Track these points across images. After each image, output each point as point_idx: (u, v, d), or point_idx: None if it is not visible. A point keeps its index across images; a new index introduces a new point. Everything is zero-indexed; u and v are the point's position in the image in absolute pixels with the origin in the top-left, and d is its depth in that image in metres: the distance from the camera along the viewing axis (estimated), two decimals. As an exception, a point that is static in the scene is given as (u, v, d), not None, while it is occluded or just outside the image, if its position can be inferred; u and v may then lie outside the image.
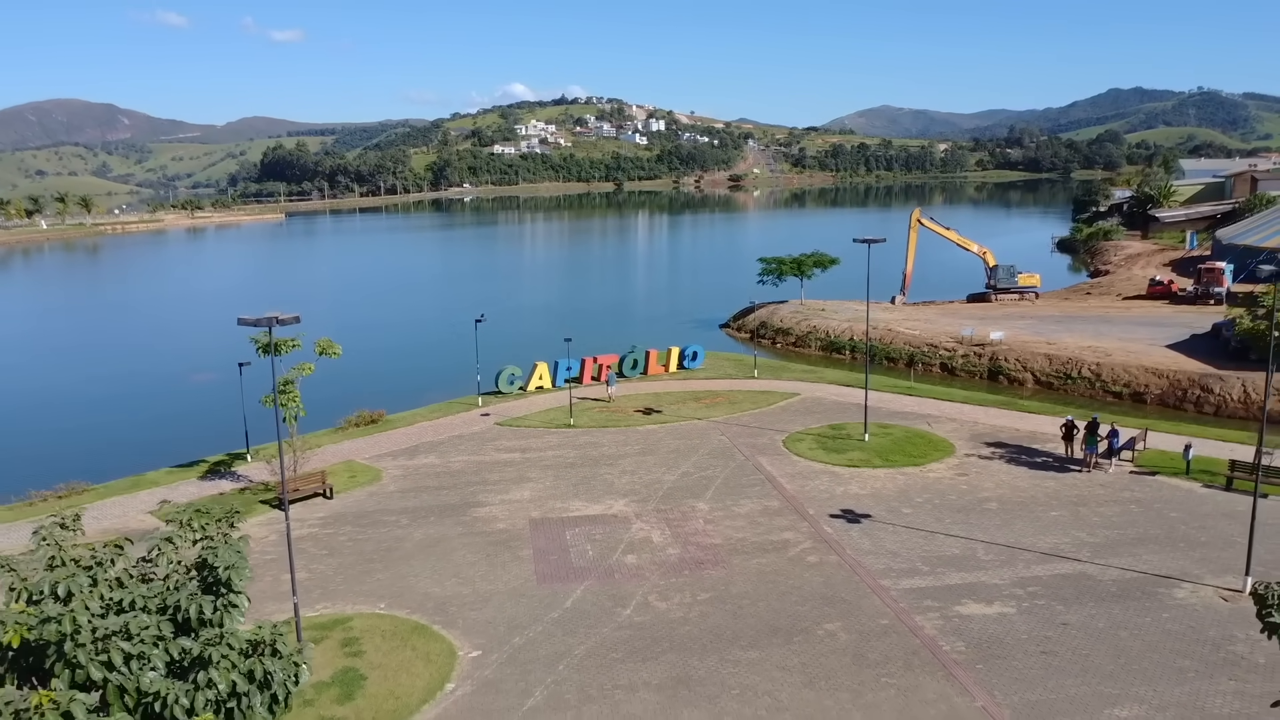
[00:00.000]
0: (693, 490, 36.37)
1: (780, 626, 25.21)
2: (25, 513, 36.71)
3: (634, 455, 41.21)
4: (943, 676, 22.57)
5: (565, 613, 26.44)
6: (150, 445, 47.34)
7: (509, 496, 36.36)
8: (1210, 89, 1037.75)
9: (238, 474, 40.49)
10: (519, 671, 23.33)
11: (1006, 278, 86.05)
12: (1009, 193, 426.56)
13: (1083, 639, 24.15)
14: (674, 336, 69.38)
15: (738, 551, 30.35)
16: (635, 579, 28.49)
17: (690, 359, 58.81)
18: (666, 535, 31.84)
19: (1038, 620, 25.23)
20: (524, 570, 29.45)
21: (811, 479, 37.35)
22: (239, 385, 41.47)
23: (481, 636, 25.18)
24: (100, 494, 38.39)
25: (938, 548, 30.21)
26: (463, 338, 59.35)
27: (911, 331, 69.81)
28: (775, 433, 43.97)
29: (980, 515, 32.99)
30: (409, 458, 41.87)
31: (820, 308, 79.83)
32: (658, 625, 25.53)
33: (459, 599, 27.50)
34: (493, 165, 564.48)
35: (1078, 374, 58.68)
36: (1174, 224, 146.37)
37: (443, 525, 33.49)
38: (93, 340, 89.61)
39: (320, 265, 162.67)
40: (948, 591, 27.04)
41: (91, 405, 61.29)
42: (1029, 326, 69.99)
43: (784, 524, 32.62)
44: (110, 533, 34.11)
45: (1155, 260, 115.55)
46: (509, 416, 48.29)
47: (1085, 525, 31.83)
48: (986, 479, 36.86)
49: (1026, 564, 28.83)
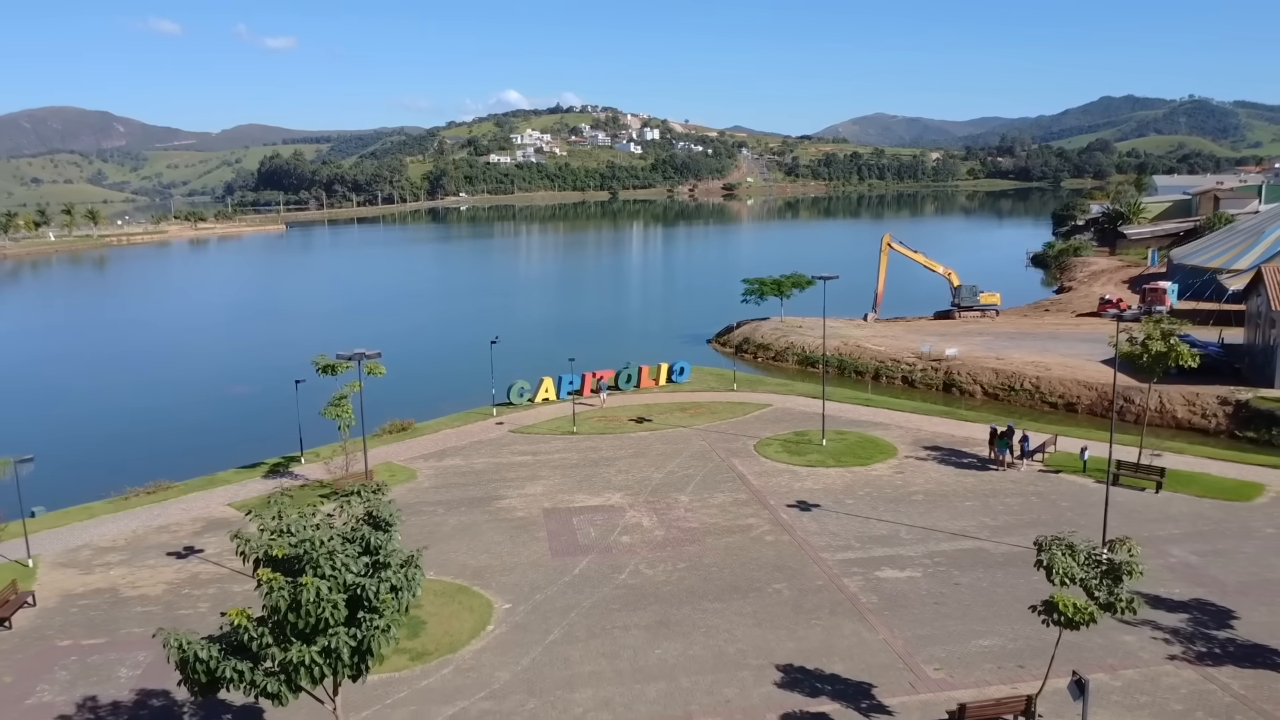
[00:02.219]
0: (676, 485, 44.06)
1: (739, 586, 32.93)
2: (123, 505, 44.22)
3: (628, 457, 48.85)
4: (858, 619, 30.27)
5: (574, 578, 34.10)
6: (211, 449, 54.76)
7: (524, 491, 44.02)
8: (1201, 97, 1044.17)
9: (295, 473, 48.07)
10: (541, 617, 30.99)
11: (969, 296, 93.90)
12: (1000, 201, 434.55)
13: (968, 595, 31.85)
14: (665, 352, 77.15)
15: (710, 533, 38.06)
16: (628, 553, 36.16)
17: (678, 373, 66.43)
18: (654, 520, 39.54)
19: (937, 581, 32.94)
20: (540, 547, 37.12)
21: (775, 476, 45.07)
22: (274, 395, 49.27)
23: (511, 594, 32.84)
24: (182, 490, 45.93)
25: (869, 530, 37.94)
26: (479, 355, 66.83)
27: (878, 348, 77.62)
28: (748, 438, 51.68)
29: (908, 505, 40.73)
30: (438, 460, 49.50)
31: (798, 325, 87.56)
32: (646, 586, 33.21)
33: (491, 568, 35.16)
34: (489, 174, 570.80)
35: (1020, 387, 66.51)
36: (1140, 241, 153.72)
37: (472, 514, 41.13)
38: (138, 353, 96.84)
39: (326, 280, 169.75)
40: (871, 561, 34.76)
41: (151, 414, 68.74)
42: (984, 343, 77.76)
43: (749, 512, 40.35)
44: (201, 520, 41.79)
45: (1118, 277, 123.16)
46: (520, 425, 55.94)
47: (991, 512, 39.57)
48: (919, 476, 44.61)
49: (937, 541, 36.55)
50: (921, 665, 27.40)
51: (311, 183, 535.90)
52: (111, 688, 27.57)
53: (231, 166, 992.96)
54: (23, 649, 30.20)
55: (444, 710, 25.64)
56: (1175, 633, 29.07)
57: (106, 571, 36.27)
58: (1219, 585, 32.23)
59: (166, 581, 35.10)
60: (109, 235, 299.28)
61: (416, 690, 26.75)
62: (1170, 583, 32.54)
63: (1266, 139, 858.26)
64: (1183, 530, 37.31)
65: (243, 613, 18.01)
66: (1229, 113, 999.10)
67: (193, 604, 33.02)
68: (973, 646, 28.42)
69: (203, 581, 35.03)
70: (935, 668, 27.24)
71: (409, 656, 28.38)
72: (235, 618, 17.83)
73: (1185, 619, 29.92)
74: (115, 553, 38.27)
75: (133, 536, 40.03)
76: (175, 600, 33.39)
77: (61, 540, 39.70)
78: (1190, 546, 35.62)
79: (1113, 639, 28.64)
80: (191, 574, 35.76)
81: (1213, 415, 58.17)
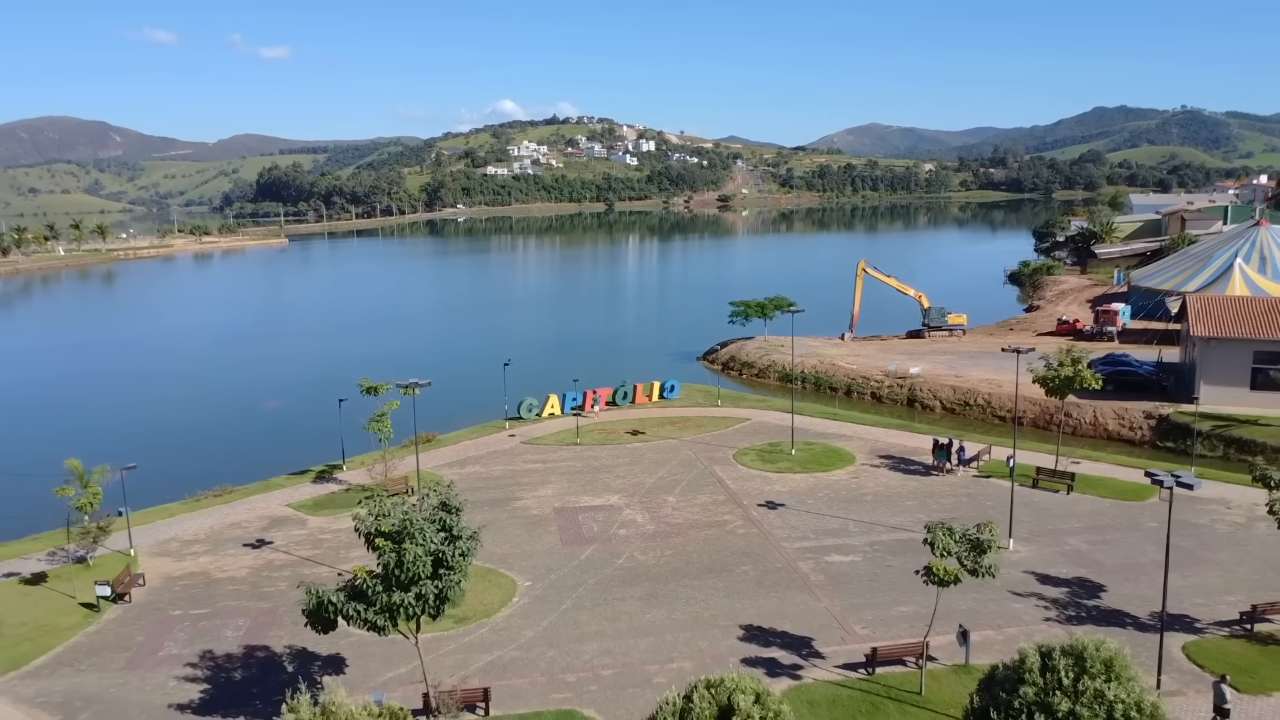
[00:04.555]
0: (665, 488, 52.03)
1: (714, 568, 40.91)
2: (195, 506, 52.09)
3: (624, 465, 56.76)
4: (806, 592, 38.26)
5: (581, 562, 42.03)
6: (261, 458, 62.52)
7: (537, 493, 51.95)
8: (1194, 107, 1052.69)
9: (339, 479, 55.92)
10: (555, 592, 38.93)
11: (937, 317, 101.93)
12: (992, 213, 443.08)
13: (897, 574, 39.78)
14: (658, 369, 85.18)
15: (693, 526, 46.05)
16: (625, 543, 44.12)
17: (669, 391, 74.38)
18: (646, 517, 47.52)
19: (873, 564, 40.93)
20: (552, 539, 45.07)
21: (749, 481, 53.06)
22: (307, 409, 56.97)
23: (530, 575, 40.77)
24: (244, 493, 53.78)
25: (824, 524, 45.94)
26: (487, 371, 74.76)
27: (850, 366, 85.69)
28: (728, 449, 59.67)
29: (858, 504, 48.74)
30: (461, 467, 57.38)
31: (780, 344, 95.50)
32: (639, 568, 41.15)
33: (513, 555, 43.08)
34: (486, 186, 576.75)
35: (974, 402, 74.55)
36: (1110, 260, 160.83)
37: (494, 512, 49.00)
38: (171, 371, 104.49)
39: (333, 299, 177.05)
40: (822, 549, 42.77)
41: (202, 426, 76.44)
42: (947, 361, 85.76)
43: (725, 510, 48.34)
44: (265, 519, 49.65)
45: (1084, 296, 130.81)
46: (530, 437, 63.85)
47: (927, 510, 47.49)
48: (870, 480, 52.65)
49: (878, 534, 44.54)
50: (852, 625, 35.42)
51: (310, 194, 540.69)
52: (221, 644, 35.44)
53: (229, 177, 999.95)
54: (144, 617, 38.07)
55: (484, 657, 33.60)
56: (1055, 602, 37.09)
57: (196, 559, 44.16)
58: (1099, 566, 40.27)
59: (247, 566, 42.99)
60: (116, 249, 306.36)
61: (462, 644, 34.71)
62: (1060, 564, 40.59)
63: (1258, 149, 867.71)
64: (1081, 524, 45.36)
65: (364, 569, 25.92)
66: (1221, 123, 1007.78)
67: (273, 583, 40.92)
68: (894, 612, 36.39)
69: (277, 566, 42.92)
70: (862, 627, 35.26)
71: (454, 621, 36.25)
72: (358, 573, 25.76)
73: (1065, 592, 37.97)
74: (199, 544, 46.14)
75: (211, 531, 47.91)
76: (258, 580, 41.28)
77: (151, 535, 47.51)
78: (1084, 537, 43.68)
79: (1005, 606, 36.66)
80: (266, 560, 43.65)
81: (1138, 428, 66.22)
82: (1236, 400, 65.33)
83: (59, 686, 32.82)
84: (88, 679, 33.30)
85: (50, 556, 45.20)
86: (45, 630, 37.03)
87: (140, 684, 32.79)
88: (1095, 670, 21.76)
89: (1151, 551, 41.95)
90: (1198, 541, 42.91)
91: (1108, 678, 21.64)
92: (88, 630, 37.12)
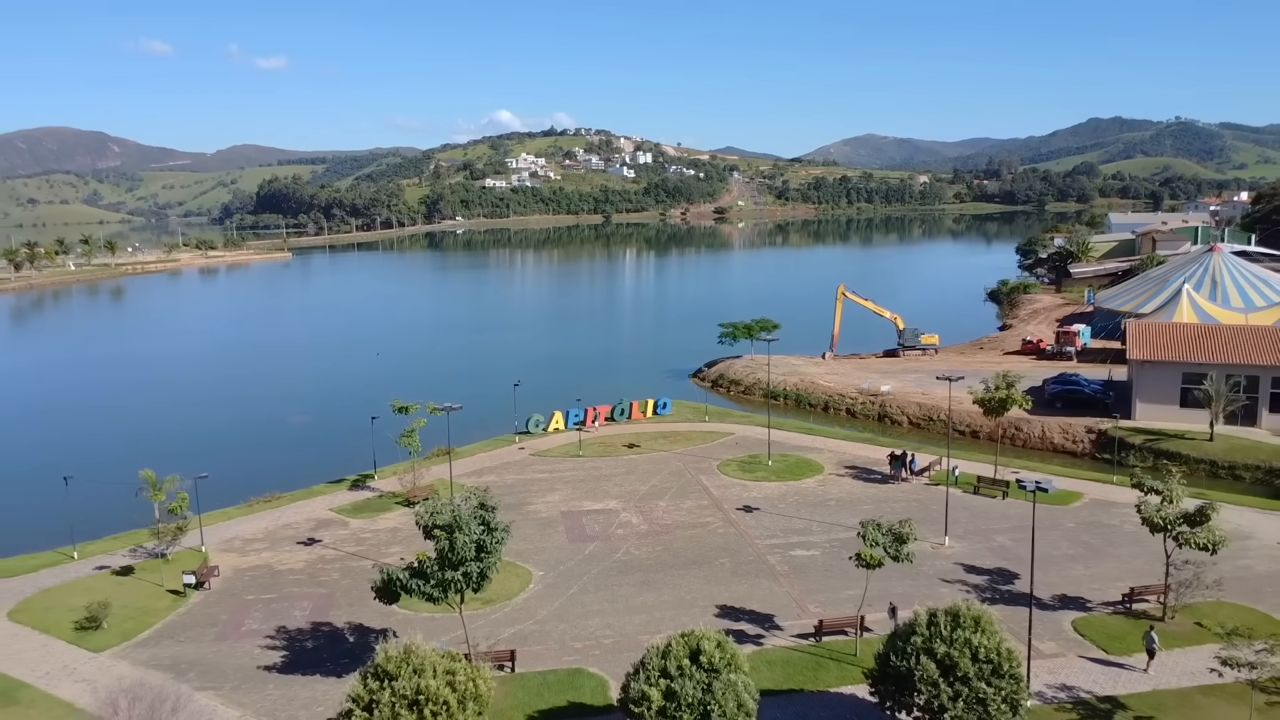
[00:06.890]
0: (657, 494, 60.01)
1: (697, 560, 48.96)
2: (249, 510, 59.96)
3: (621, 474, 64.72)
4: (772, 580, 46.28)
5: (585, 556, 50.03)
6: (299, 468, 70.24)
7: (546, 499, 59.92)
8: (1188, 119, 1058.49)
9: (372, 487, 63.80)
10: (564, 580, 46.95)
11: (912, 338, 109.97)
12: (985, 225, 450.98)
13: (849, 566, 47.47)
14: (653, 387, 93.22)
15: (680, 527, 54.08)
16: (622, 540, 52.14)
17: (661, 408, 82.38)
18: (640, 519, 55.55)
19: (830, 557, 48.95)
20: (560, 537, 53.07)
21: (730, 488, 61.08)
22: (334, 423, 64.90)
23: (543, 566, 48.78)
24: (291, 499, 61.67)
25: (791, 525, 53.97)
26: (495, 388, 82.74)
27: (828, 383, 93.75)
28: (713, 460, 67.68)
29: (823, 508, 56.77)
30: (478, 477, 65.27)
31: (765, 362, 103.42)
32: (634, 561, 49.16)
33: (527, 550, 51.03)
34: (484, 198, 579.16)
35: (937, 417, 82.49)
36: (1083, 279, 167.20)
37: (509, 515, 55.91)
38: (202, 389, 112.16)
39: (340, 315, 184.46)
40: (789, 545, 50.81)
41: (242, 438, 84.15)
42: (916, 379, 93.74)
43: (708, 513, 56.37)
44: (311, 520, 57.52)
45: (1056, 315, 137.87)
46: (538, 449, 71.79)
47: (880, 513, 54.68)
48: (835, 488, 60.69)
49: (837, 533, 52.51)
50: (807, 604, 43.45)
51: (310, 206, 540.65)
52: (292, 621, 43.35)
53: (228, 187, 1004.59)
54: (224, 601, 45.97)
55: (508, 630, 41.62)
56: (976, 587, 45.12)
57: (258, 554, 52.05)
58: (1017, 558, 48.27)
59: (304, 560, 50.91)
60: (125, 264, 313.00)
61: (489, 621, 42.70)
62: (986, 557, 48.63)
63: (1251, 160, 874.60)
64: (1010, 525, 53.37)
65: (424, 554, 33.90)
66: (1214, 134, 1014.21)
67: (327, 574, 48.85)
68: (843, 594, 44.40)
69: (329, 560, 50.85)
70: (815, 605, 43.29)
71: (481, 602, 44.17)
72: (420, 556, 33.75)
73: (985, 579, 46.04)
74: (258, 543, 54.04)
75: (266, 531, 55.81)
76: (315, 572, 49.20)
77: (215, 535, 55.34)
78: (1011, 535, 51.69)
79: (934, 589, 44.66)
80: (319, 555, 51.58)
81: (1080, 441, 74.23)
82: (1167, 416, 73.48)
83: (165, 654, 40.71)
84: (187, 648, 41.20)
85: (131, 553, 53.02)
86: (144, 611, 44.91)
87: (230, 651, 40.69)
88: (966, 624, 29.84)
89: (1064, 547, 50.07)
90: (1105, 539, 51.00)
91: (975, 630, 29.69)
92: (179, 611, 45.02)
